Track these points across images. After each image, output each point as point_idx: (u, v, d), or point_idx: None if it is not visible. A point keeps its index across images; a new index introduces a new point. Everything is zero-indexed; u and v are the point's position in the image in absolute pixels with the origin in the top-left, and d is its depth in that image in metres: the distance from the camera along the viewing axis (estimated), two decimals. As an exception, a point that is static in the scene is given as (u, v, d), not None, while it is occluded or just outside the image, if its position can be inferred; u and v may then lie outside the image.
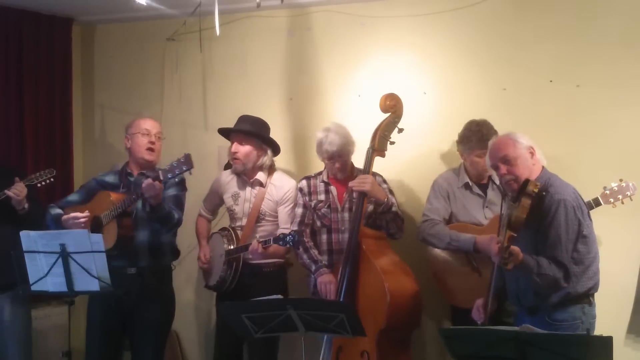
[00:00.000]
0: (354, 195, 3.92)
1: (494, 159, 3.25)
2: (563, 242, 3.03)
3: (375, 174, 3.98)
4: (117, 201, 3.69)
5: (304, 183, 4.12)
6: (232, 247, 4.03)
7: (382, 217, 3.89)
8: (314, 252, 4.00)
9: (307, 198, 4.07)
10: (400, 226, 3.95)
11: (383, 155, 3.90)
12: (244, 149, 4.08)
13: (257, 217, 4.10)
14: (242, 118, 4.21)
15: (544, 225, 3.07)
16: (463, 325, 3.38)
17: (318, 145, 4.01)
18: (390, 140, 3.84)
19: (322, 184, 4.08)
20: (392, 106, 3.85)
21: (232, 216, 4.20)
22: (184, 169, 3.50)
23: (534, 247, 3.10)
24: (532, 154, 3.19)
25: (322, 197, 4.05)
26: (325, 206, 4.02)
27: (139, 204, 3.75)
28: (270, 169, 4.19)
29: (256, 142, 4.10)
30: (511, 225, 3.00)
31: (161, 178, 3.53)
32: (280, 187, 4.14)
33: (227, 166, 4.28)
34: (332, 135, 3.93)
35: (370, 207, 3.93)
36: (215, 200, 4.31)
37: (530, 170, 3.16)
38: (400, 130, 3.86)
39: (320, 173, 4.13)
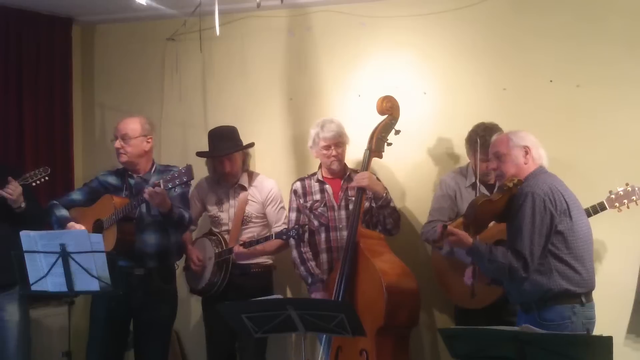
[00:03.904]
0: (349, 193, 3.96)
1: (490, 154, 3.34)
2: (526, 232, 3.01)
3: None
4: (120, 206, 3.71)
5: (298, 185, 4.13)
6: (220, 250, 4.07)
7: (380, 212, 3.92)
8: (311, 264, 4.02)
9: (301, 200, 4.09)
10: (397, 222, 3.98)
11: (380, 157, 3.95)
12: (234, 165, 4.13)
13: (242, 220, 4.13)
14: (215, 134, 4.20)
15: (513, 217, 3.10)
16: (467, 325, 3.38)
17: (314, 136, 4.03)
18: (388, 141, 3.87)
19: (316, 183, 4.09)
20: (389, 108, 3.88)
21: (217, 222, 4.22)
22: (184, 179, 3.51)
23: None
24: (527, 153, 3.20)
25: (317, 196, 4.07)
26: (322, 205, 4.04)
27: (144, 206, 3.78)
28: (250, 173, 4.25)
29: (240, 152, 4.15)
30: (465, 211, 3.16)
31: (161, 186, 3.53)
32: (262, 189, 4.19)
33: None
34: (329, 124, 4.01)
35: (367, 205, 3.97)
36: (197, 208, 4.29)
37: (519, 169, 3.19)
38: (397, 132, 3.88)
39: (314, 174, 4.15)
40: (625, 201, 3.71)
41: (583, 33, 4.10)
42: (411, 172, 4.39)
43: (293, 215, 4.11)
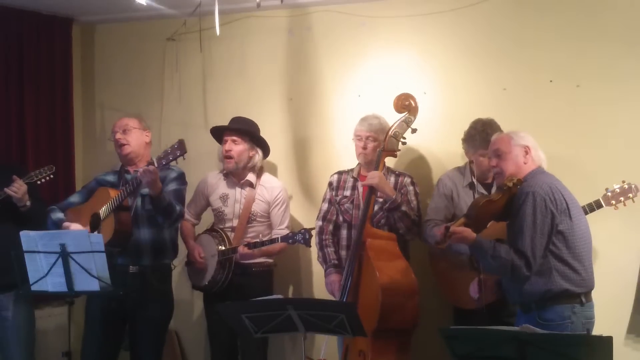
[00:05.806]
0: (378, 194, 3.88)
1: (489, 152, 3.35)
2: (527, 231, 3.02)
3: (404, 174, 4.06)
4: (114, 194, 3.71)
5: (335, 177, 4.17)
6: (224, 247, 4.05)
7: (390, 215, 3.88)
8: (328, 250, 4.06)
9: (334, 193, 4.11)
10: (410, 227, 3.88)
11: (394, 156, 3.94)
12: (237, 148, 4.12)
13: (248, 218, 4.13)
14: (235, 119, 4.25)
15: (514, 217, 3.10)
16: (465, 326, 3.38)
17: (355, 127, 4.05)
18: (403, 140, 3.83)
19: (351, 179, 4.11)
20: (406, 106, 3.83)
21: (221, 217, 4.20)
22: (178, 154, 3.49)
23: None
24: (527, 152, 3.22)
25: (347, 192, 4.08)
26: (349, 202, 4.05)
27: (139, 201, 3.76)
28: (259, 171, 4.24)
29: (249, 142, 4.15)
30: (466, 211, 3.18)
31: (155, 164, 3.52)
32: (271, 189, 4.19)
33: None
34: (370, 119, 4.02)
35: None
36: (200, 202, 4.30)
37: (518, 168, 3.21)
38: (414, 131, 3.83)
39: (352, 169, 4.15)
40: (622, 198, 3.71)
41: (583, 32, 4.10)
42: (411, 172, 4.37)
43: (325, 206, 4.15)
